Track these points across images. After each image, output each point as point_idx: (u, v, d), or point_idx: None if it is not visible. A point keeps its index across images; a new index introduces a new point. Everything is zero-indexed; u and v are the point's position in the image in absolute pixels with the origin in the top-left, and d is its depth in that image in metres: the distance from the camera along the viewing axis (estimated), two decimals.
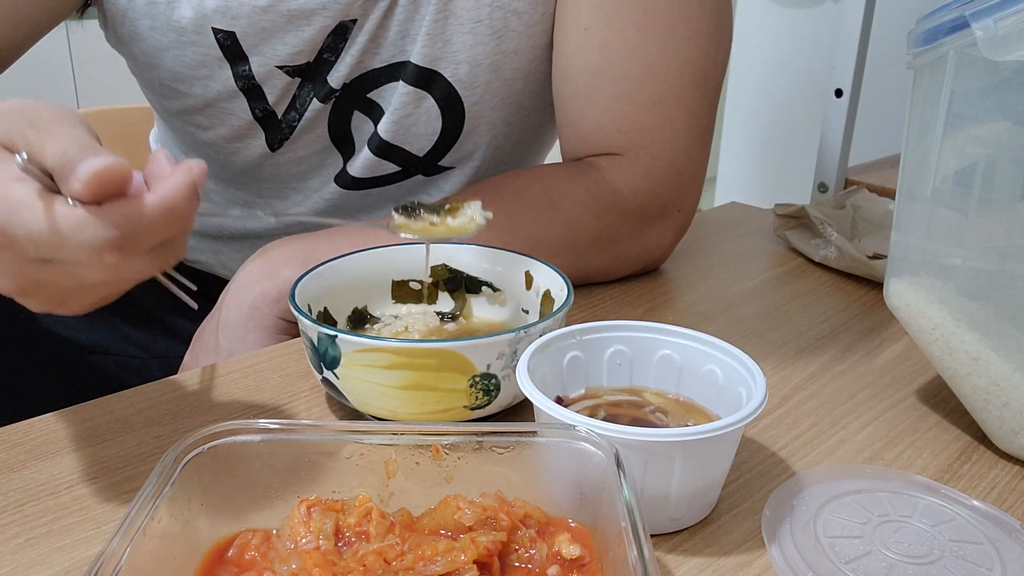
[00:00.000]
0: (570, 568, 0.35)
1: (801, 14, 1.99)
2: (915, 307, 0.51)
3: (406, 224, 0.53)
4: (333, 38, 0.67)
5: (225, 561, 0.36)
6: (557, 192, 0.67)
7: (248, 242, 0.84)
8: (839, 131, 1.00)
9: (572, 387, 0.48)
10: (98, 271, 0.37)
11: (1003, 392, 0.47)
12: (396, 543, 0.35)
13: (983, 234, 0.48)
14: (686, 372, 0.48)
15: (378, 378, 0.47)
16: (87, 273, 0.37)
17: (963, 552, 0.39)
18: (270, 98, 0.71)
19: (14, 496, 0.44)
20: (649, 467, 0.39)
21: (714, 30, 0.67)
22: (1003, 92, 0.45)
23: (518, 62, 0.70)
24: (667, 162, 0.69)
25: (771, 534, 0.41)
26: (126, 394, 0.54)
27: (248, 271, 0.62)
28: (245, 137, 0.75)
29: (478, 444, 0.38)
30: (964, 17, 0.43)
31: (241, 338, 0.61)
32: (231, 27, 0.66)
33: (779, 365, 0.59)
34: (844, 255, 0.75)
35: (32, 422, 0.51)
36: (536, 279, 0.57)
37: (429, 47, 0.68)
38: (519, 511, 0.37)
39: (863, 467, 0.48)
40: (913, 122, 0.50)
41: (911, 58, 0.49)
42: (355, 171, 0.76)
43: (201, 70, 0.69)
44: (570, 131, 0.71)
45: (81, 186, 0.33)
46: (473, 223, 0.53)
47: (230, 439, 0.37)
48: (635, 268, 0.74)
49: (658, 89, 0.67)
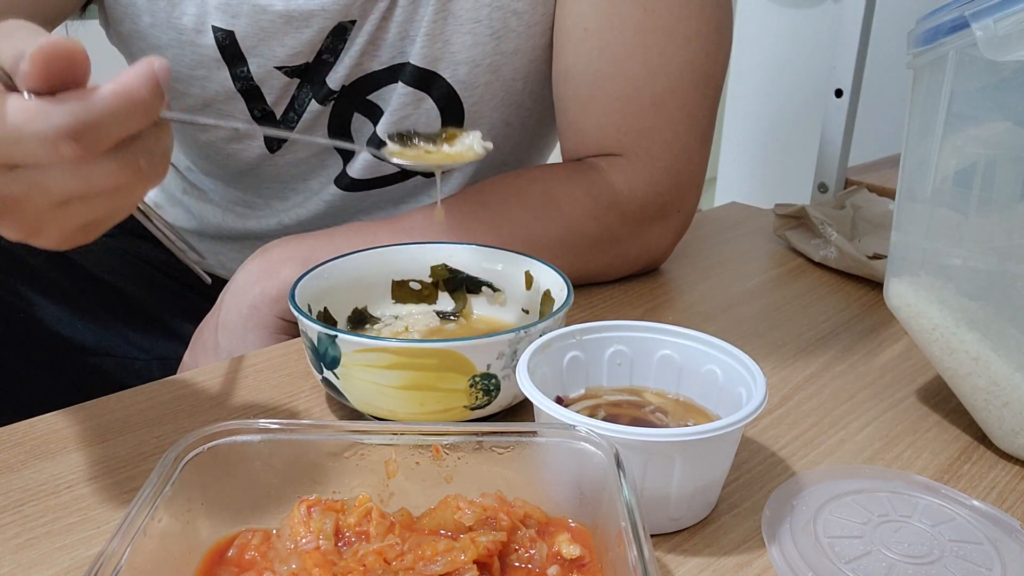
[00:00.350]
0: (570, 568, 0.35)
1: (801, 14, 1.99)
2: (915, 307, 0.51)
3: (400, 151, 0.50)
4: (332, 39, 0.67)
5: (225, 561, 0.36)
6: (557, 193, 0.67)
7: (248, 242, 0.84)
8: (839, 131, 1.00)
9: (572, 387, 0.48)
10: (65, 177, 0.35)
11: (1003, 392, 0.47)
12: (396, 543, 0.35)
13: (983, 234, 0.48)
14: (686, 372, 0.48)
15: (378, 378, 0.47)
16: (53, 180, 0.35)
17: (963, 552, 0.39)
18: (269, 99, 0.71)
19: (14, 496, 0.44)
20: (649, 467, 0.39)
21: (714, 30, 0.67)
22: (1003, 92, 0.45)
23: (518, 63, 0.70)
24: (667, 163, 0.69)
25: (771, 534, 0.41)
26: (126, 394, 0.54)
27: (248, 271, 0.62)
28: (244, 138, 0.75)
29: (478, 444, 0.38)
30: (964, 17, 0.43)
31: (241, 338, 0.61)
32: (231, 26, 0.66)
33: (779, 365, 0.59)
34: (844, 255, 0.75)
35: (32, 422, 0.51)
36: (536, 279, 0.57)
37: (428, 48, 0.68)
38: (519, 511, 0.37)
39: (863, 467, 0.48)
40: (913, 122, 0.50)
41: (911, 58, 0.49)
42: (355, 173, 0.76)
43: (199, 70, 0.69)
44: (570, 132, 0.71)
45: (29, 66, 0.32)
46: (471, 152, 0.51)
47: (230, 439, 0.37)
48: (634, 268, 0.74)
49: (658, 90, 0.67)
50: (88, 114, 0.33)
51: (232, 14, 0.65)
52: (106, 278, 0.77)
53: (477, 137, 0.51)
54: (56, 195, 0.36)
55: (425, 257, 0.60)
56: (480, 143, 0.51)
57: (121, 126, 0.35)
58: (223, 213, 0.84)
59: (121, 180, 0.36)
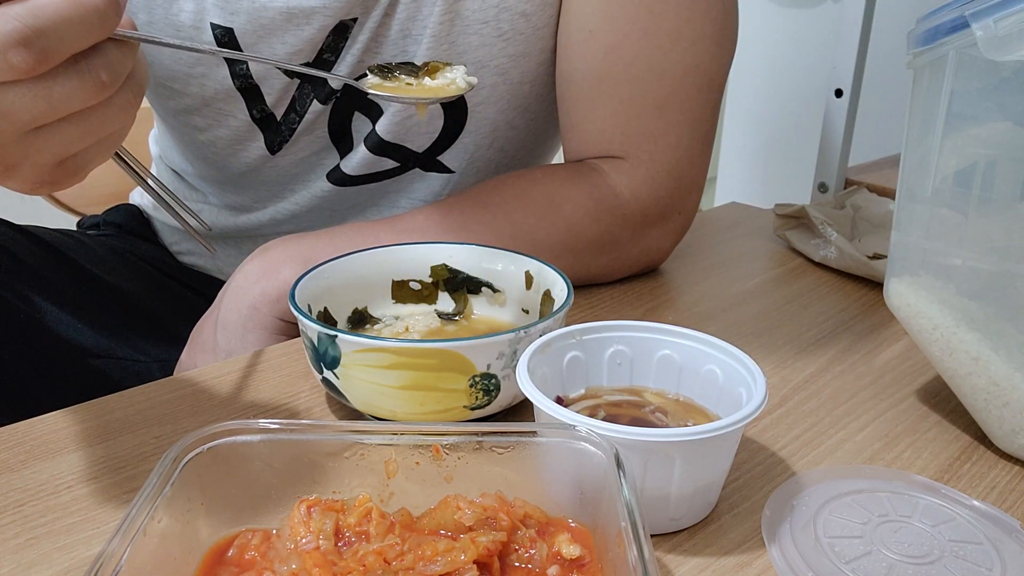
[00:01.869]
0: (570, 568, 0.35)
1: (801, 14, 1.99)
2: (915, 307, 0.51)
3: (379, 84, 0.48)
4: (333, 38, 0.67)
5: (225, 561, 0.36)
6: (559, 196, 0.67)
7: (241, 239, 0.84)
8: (839, 131, 1.00)
9: (572, 387, 0.48)
10: (24, 97, 0.34)
11: (1003, 392, 0.47)
12: (396, 543, 0.35)
13: (983, 234, 0.48)
14: (686, 372, 0.48)
15: (378, 378, 0.47)
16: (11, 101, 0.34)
17: (963, 552, 0.39)
18: (268, 99, 0.71)
19: (14, 496, 0.44)
20: (649, 467, 0.39)
21: (719, 32, 0.67)
22: (1003, 92, 0.45)
23: (525, 65, 0.70)
24: (669, 166, 0.69)
25: (771, 534, 0.41)
26: (126, 394, 0.54)
27: (247, 271, 0.62)
28: (244, 140, 0.74)
29: (478, 444, 0.38)
30: (964, 17, 0.43)
31: (240, 338, 0.61)
32: (230, 23, 0.65)
33: (779, 365, 0.59)
34: (844, 255, 0.75)
35: (32, 422, 0.51)
36: (536, 279, 0.57)
37: (434, 50, 0.67)
38: (519, 511, 0.37)
39: (863, 467, 0.48)
40: (913, 122, 0.50)
41: (911, 58, 0.49)
42: (349, 169, 0.76)
43: (197, 68, 0.68)
44: (573, 133, 0.71)
45: None
46: (454, 86, 0.49)
47: (230, 439, 0.37)
48: (634, 270, 0.74)
49: (662, 93, 0.66)
50: (36, 19, 0.33)
51: (231, 11, 0.65)
52: (107, 279, 0.77)
53: (461, 71, 0.49)
54: (19, 120, 0.35)
55: (425, 257, 0.60)
56: (464, 77, 0.49)
57: (75, 34, 0.34)
58: (217, 212, 0.84)
59: (85, 98, 0.35)
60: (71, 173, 0.39)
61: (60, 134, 0.36)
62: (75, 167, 0.39)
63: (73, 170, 0.39)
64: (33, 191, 0.39)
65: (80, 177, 0.40)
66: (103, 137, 0.38)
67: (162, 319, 0.79)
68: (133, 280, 0.81)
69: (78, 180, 0.40)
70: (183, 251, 0.89)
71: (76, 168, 0.39)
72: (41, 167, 0.38)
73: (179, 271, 0.88)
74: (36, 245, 0.73)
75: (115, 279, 0.78)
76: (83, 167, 0.39)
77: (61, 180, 0.39)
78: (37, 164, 0.37)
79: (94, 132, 0.37)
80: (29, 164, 0.37)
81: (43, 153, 0.37)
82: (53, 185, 0.39)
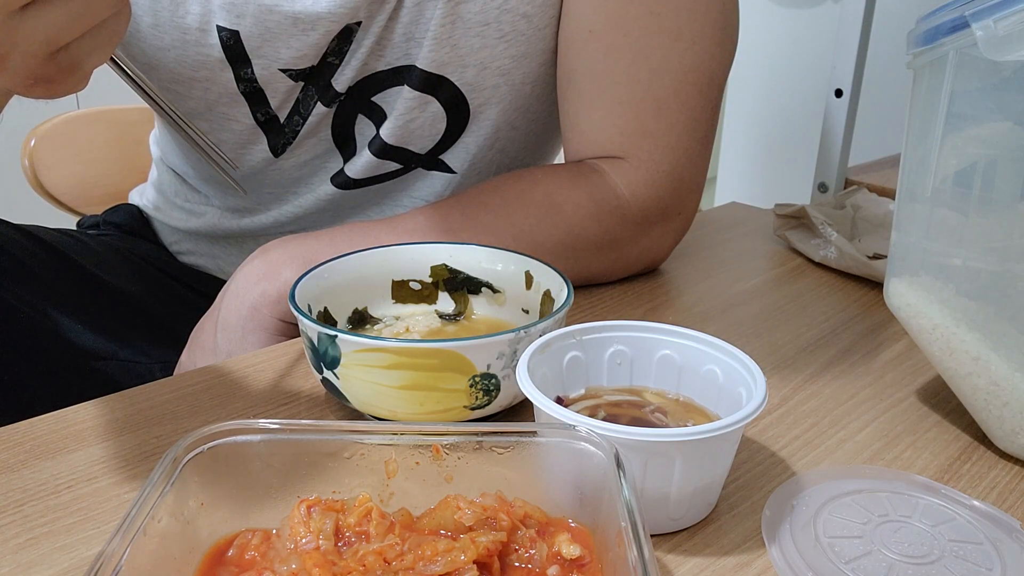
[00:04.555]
0: (570, 568, 0.35)
1: (801, 14, 1.99)
2: (915, 307, 0.51)
3: None
4: (338, 42, 0.67)
5: (225, 561, 0.36)
6: (560, 197, 0.67)
7: (244, 241, 0.84)
8: (839, 131, 1.00)
9: (572, 387, 0.48)
10: None
11: (1003, 392, 0.47)
12: (396, 543, 0.35)
13: (983, 234, 0.48)
14: (686, 372, 0.48)
15: (378, 378, 0.47)
16: None
17: (963, 552, 0.39)
18: (272, 102, 0.71)
19: (14, 496, 0.44)
20: (649, 467, 0.39)
21: (720, 32, 0.67)
22: (1003, 92, 0.45)
23: (527, 66, 0.70)
24: (669, 167, 0.69)
25: (771, 534, 0.41)
26: (126, 394, 0.54)
27: (247, 271, 0.62)
28: (248, 143, 0.74)
29: (478, 444, 0.38)
30: (964, 17, 0.43)
31: (240, 339, 0.61)
32: (236, 25, 0.65)
33: (779, 365, 0.59)
34: (844, 255, 0.75)
35: (32, 422, 0.51)
36: (536, 279, 0.57)
37: (436, 52, 0.67)
38: (519, 511, 0.37)
39: (863, 467, 0.48)
40: (913, 122, 0.50)
41: (911, 58, 0.49)
42: (353, 172, 0.76)
43: (202, 71, 0.68)
44: (573, 133, 0.71)
45: None
46: None
47: (230, 439, 0.37)
48: (634, 270, 0.74)
49: (662, 93, 0.66)
50: None
51: (237, 13, 0.65)
52: (107, 279, 0.77)
53: None
54: None
55: (425, 257, 0.60)
56: None
57: None
58: (220, 214, 0.84)
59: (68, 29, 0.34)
60: (66, 69, 0.37)
61: (45, 15, 0.35)
62: (69, 62, 0.37)
63: (68, 66, 0.37)
64: (29, 90, 0.38)
65: (78, 79, 0.38)
66: (95, 27, 0.37)
67: (163, 320, 0.79)
68: (134, 280, 0.81)
69: (77, 83, 0.38)
70: (183, 251, 0.89)
71: (71, 63, 0.37)
72: (32, 57, 0.36)
73: (179, 271, 0.88)
74: (36, 245, 0.73)
75: (116, 279, 0.78)
76: (78, 63, 0.38)
77: (56, 77, 0.37)
78: (27, 53, 0.36)
79: (82, 15, 0.36)
80: (19, 53, 0.36)
81: (31, 39, 0.36)
82: (50, 84, 0.38)
